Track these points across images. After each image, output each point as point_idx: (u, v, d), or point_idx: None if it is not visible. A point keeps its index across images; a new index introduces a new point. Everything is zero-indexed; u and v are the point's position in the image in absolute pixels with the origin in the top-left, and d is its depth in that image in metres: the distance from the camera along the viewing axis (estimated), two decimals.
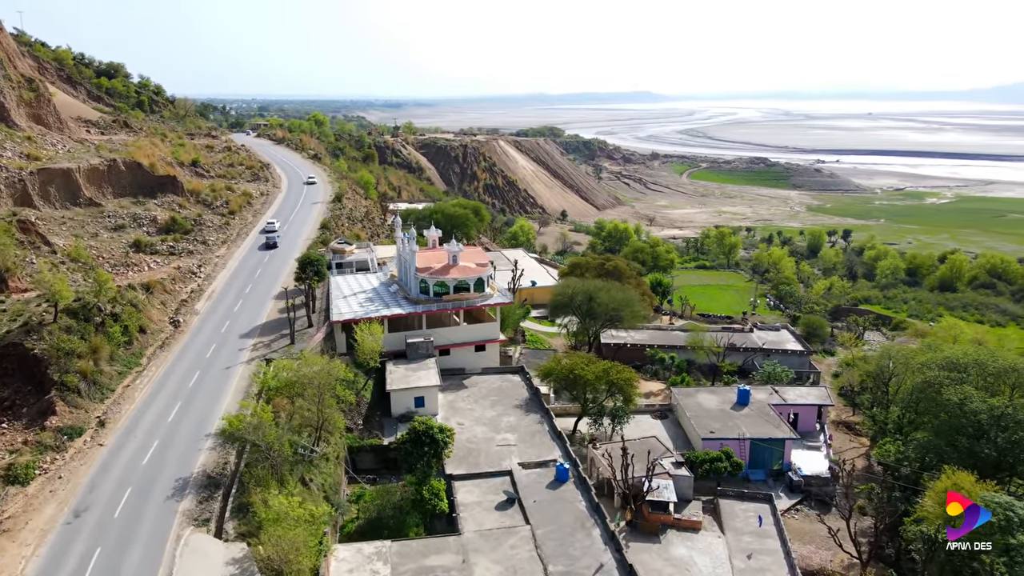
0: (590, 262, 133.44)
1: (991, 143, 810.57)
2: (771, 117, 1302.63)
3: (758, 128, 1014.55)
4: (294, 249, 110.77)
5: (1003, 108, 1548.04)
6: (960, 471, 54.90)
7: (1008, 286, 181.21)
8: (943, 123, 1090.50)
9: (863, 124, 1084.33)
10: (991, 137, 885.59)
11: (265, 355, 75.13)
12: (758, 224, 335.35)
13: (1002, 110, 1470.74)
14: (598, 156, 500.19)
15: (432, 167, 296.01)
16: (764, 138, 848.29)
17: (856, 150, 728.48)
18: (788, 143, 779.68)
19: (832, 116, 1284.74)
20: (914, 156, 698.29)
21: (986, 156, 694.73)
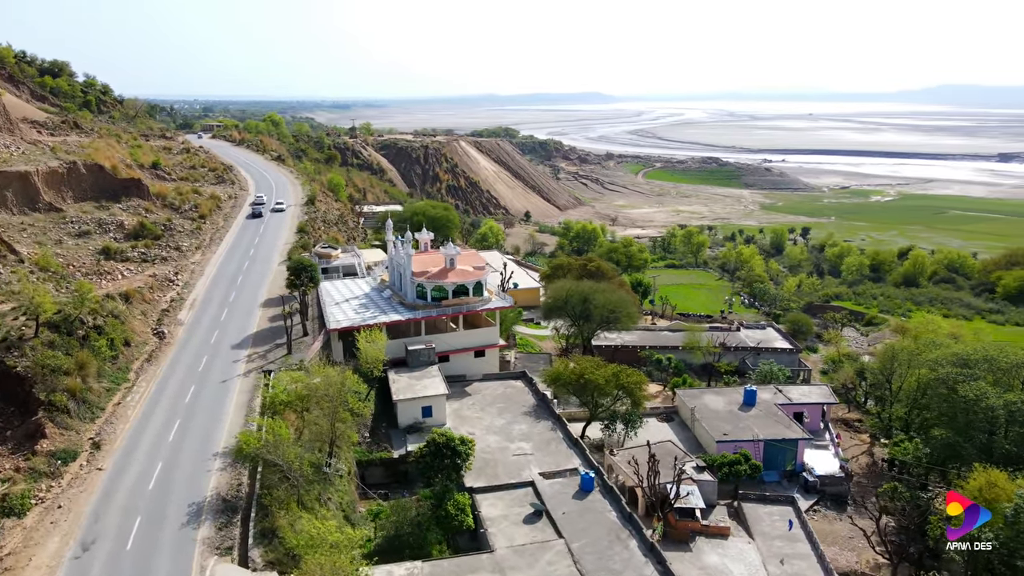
0: (572, 263, 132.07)
1: (925, 142, 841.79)
2: (717, 118, 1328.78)
3: (705, 128, 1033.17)
4: (273, 254, 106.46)
5: (932, 109, 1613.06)
6: (991, 468, 54.94)
7: (967, 280, 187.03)
8: (879, 123, 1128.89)
9: (804, 124, 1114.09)
10: (924, 137, 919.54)
11: (262, 366, 71.26)
12: (716, 223, 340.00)
13: (931, 111, 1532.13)
14: (554, 157, 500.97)
15: (393, 168, 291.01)
16: (712, 138, 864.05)
17: (800, 150, 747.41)
18: (735, 143, 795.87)
19: (775, 117, 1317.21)
20: (855, 155, 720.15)
21: (922, 155, 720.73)
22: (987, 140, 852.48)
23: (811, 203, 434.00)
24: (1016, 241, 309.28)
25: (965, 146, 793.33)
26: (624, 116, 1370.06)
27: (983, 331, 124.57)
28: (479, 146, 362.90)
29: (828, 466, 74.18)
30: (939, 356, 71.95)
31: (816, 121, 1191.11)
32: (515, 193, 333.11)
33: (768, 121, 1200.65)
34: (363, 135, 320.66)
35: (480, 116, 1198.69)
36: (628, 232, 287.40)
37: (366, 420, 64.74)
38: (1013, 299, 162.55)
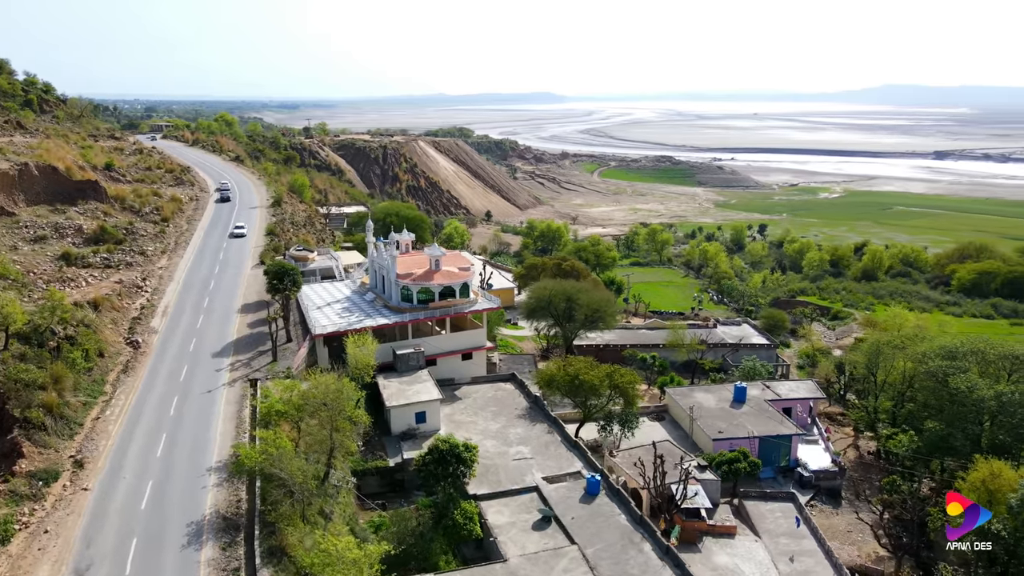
0: (546, 263, 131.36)
1: (867, 141, 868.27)
2: (665, 117, 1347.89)
3: (655, 128, 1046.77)
4: (244, 257, 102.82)
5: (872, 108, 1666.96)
6: (992, 458, 55.76)
7: (921, 274, 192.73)
8: (823, 123, 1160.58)
9: (751, 124, 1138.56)
10: (866, 135, 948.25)
11: (247, 375, 68.36)
12: (674, 221, 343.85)
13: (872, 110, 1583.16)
14: (510, 156, 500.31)
15: (352, 169, 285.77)
16: (662, 137, 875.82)
17: (749, 148, 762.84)
18: (685, 142, 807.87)
19: (721, 116, 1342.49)
20: (801, 153, 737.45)
21: (864, 153, 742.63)
22: (923, 138, 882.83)
23: (763, 200, 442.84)
24: (958, 235, 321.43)
25: (903, 144, 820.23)
26: (575, 116, 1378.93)
27: (947, 323, 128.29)
28: (438, 146, 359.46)
29: (820, 461, 74.74)
30: (927, 349, 73.14)
31: (762, 121, 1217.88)
32: (475, 193, 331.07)
33: (715, 121, 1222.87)
34: (319, 135, 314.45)
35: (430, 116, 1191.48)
36: (589, 231, 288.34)
37: (365, 428, 62.40)
38: (968, 291, 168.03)
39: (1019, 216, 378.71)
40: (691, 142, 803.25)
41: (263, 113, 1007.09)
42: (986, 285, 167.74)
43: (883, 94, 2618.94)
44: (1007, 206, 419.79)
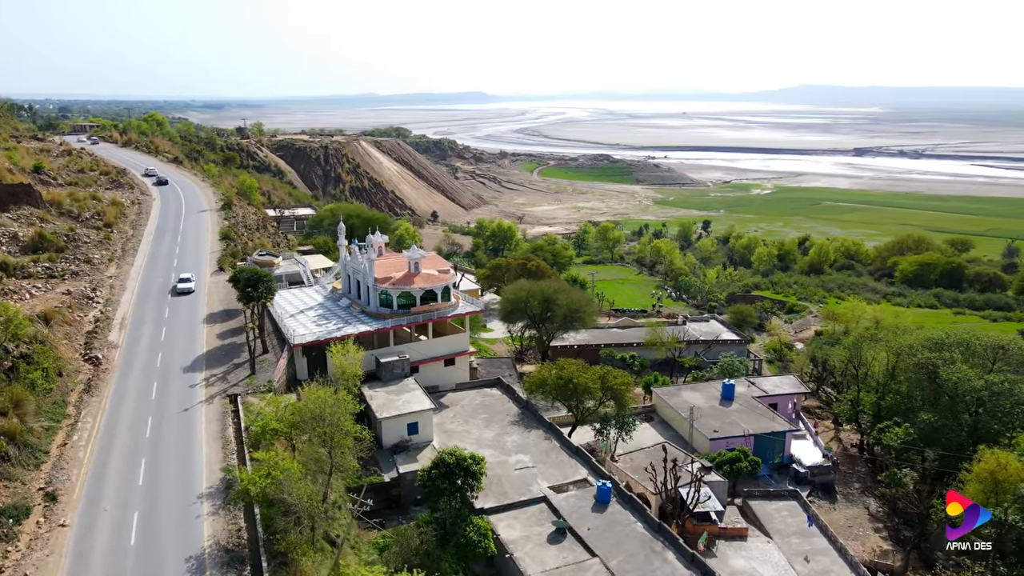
0: (511, 263, 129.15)
1: (791, 139, 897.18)
2: (598, 116, 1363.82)
3: (588, 127, 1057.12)
4: (201, 264, 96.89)
5: (792, 108, 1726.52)
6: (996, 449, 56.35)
7: (864, 267, 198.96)
8: (748, 121, 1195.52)
9: (680, 123, 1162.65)
10: (789, 134, 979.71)
11: (225, 390, 63.63)
12: (617, 218, 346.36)
13: (792, 109, 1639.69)
14: (449, 156, 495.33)
15: (292, 170, 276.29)
16: (596, 136, 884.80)
17: (680, 146, 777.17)
18: (619, 140, 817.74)
19: (652, 115, 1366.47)
20: (731, 151, 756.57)
21: (789, 151, 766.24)
22: (842, 136, 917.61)
23: (700, 197, 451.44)
24: (885, 228, 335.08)
25: (824, 142, 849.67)
26: (508, 115, 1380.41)
27: (902, 315, 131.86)
28: (380, 146, 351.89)
29: (812, 456, 74.84)
30: (914, 342, 74.09)
31: (691, 120, 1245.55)
32: (420, 193, 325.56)
33: (646, 119, 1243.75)
34: (255, 135, 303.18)
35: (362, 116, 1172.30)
36: (536, 230, 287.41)
37: (368, 443, 58.66)
38: (910, 282, 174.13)
39: (938, 209, 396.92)
40: (625, 141, 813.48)
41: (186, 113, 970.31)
42: (927, 276, 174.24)
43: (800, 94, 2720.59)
44: (925, 200, 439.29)
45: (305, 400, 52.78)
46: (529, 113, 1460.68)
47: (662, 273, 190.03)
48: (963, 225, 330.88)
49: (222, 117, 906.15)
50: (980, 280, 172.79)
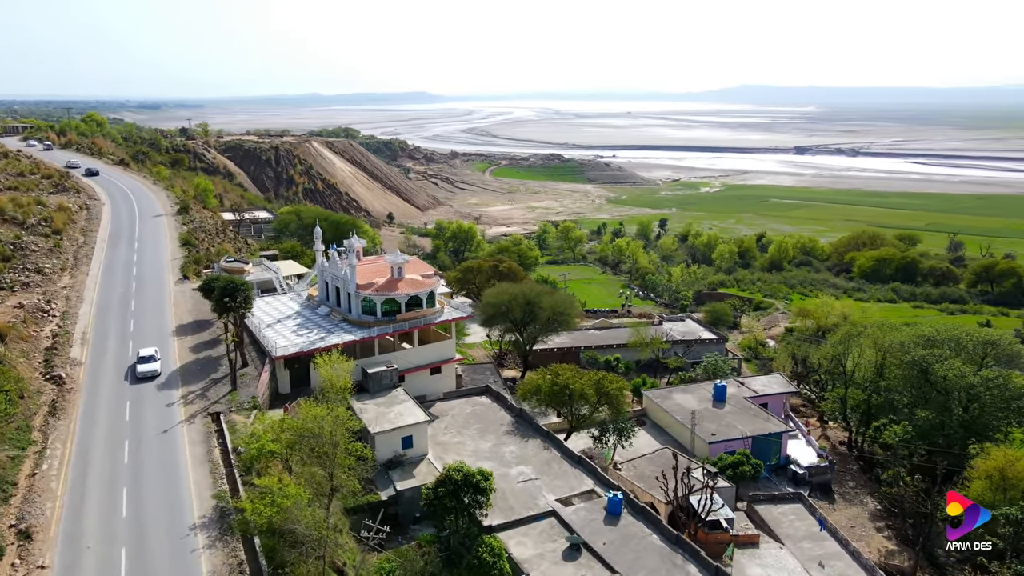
0: (482, 265, 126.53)
1: (734, 137, 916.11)
2: (545, 116, 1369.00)
3: (535, 127, 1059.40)
4: (163, 272, 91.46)
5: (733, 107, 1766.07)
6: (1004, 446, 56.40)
7: (821, 263, 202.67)
8: (692, 121, 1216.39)
9: (626, 122, 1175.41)
10: (732, 132, 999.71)
11: (206, 408, 59.40)
12: (572, 217, 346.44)
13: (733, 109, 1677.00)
14: (400, 156, 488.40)
15: (242, 172, 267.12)
16: (544, 135, 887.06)
17: (627, 146, 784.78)
18: (567, 140, 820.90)
19: (597, 115, 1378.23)
20: (677, 150, 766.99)
21: (733, 149, 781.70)
22: (783, 135, 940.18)
23: (651, 195, 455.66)
24: (832, 224, 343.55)
25: (766, 140, 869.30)
26: (455, 115, 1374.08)
27: (869, 309, 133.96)
28: (332, 147, 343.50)
29: (807, 456, 74.34)
30: (906, 339, 74.27)
31: (636, 119, 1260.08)
32: (374, 195, 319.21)
33: (592, 119, 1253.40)
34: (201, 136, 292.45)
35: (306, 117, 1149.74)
36: (493, 230, 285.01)
37: (373, 463, 55.26)
38: (868, 277, 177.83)
39: (878, 206, 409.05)
40: (573, 140, 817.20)
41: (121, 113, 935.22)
42: (883, 271, 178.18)
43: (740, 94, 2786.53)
44: (866, 196, 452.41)
45: (302, 418, 49.30)
46: (476, 113, 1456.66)
47: (627, 272, 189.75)
48: (904, 220, 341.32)
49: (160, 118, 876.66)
50: (933, 274, 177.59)
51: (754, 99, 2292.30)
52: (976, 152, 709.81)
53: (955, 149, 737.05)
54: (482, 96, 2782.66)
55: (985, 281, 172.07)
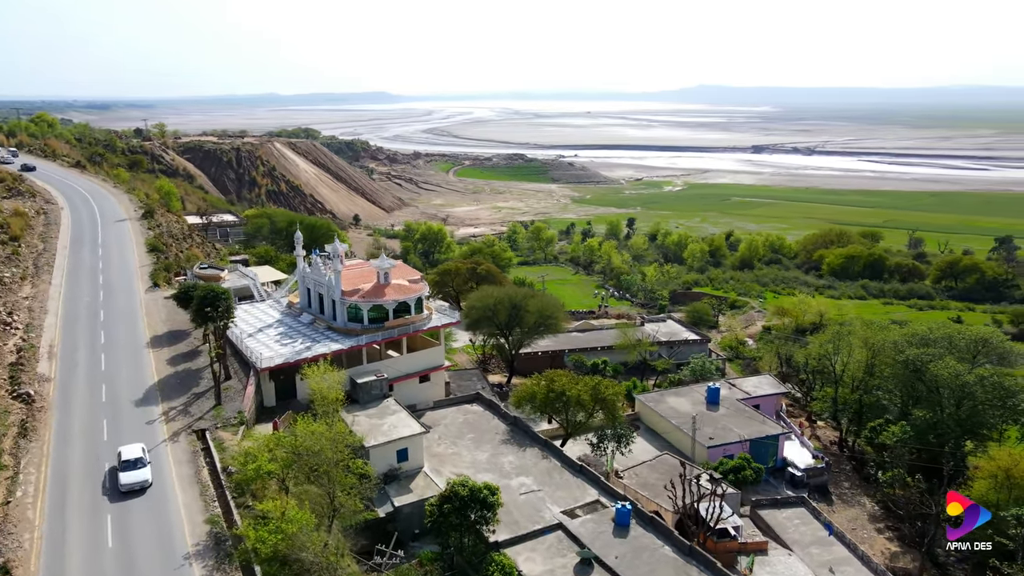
0: (460, 268, 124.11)
1: (693, 137, 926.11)
2: (505, 116, 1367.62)
3: (496, 126, 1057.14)
4: (132, 280, 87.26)
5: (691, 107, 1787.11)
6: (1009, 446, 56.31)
7: (789, 260, 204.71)
8: (651, 120, 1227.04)
9: (586, 122, 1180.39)
10: (690, 132, 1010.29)
11: (190, 425, 56.17)
12: (538, 217, 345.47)
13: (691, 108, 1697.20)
14: (363, 157, 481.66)
15: (202, 174, 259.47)
16: (505, 135, 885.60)
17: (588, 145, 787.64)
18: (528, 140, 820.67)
19: (557, 115, 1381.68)
20: (638, 149, 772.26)
21: (693, 148, 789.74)
22: (740, 134, 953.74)
23: (615, 195, 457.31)
24: (793, 222, 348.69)
25: (724, 139, 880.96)
26: (414, 115, 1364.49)
27: (844, 307, 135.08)
28: (295, 148, 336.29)
29: (803, 457, 73.82)
30: (899, 338, 74.27)
31: (596, 119, 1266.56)
32: (340, 196, 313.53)
33: (552, 119, 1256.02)
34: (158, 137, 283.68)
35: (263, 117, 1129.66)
36: (461, 231, 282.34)
37: (376, 481, 52.66)
38: (837, 275, 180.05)
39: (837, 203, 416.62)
40: (534, 140, 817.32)
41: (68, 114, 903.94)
42: (851, 268, 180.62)
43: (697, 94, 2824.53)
44: (824, 194, 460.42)
45: (299, 435, 46.63)
46: (436, 113, 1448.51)
47: (600, 272, 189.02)
48: (863, 218, 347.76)
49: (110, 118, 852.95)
50: (900, 271, 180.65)
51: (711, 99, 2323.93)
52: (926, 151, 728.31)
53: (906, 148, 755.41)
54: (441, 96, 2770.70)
55: (949, 277, 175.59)
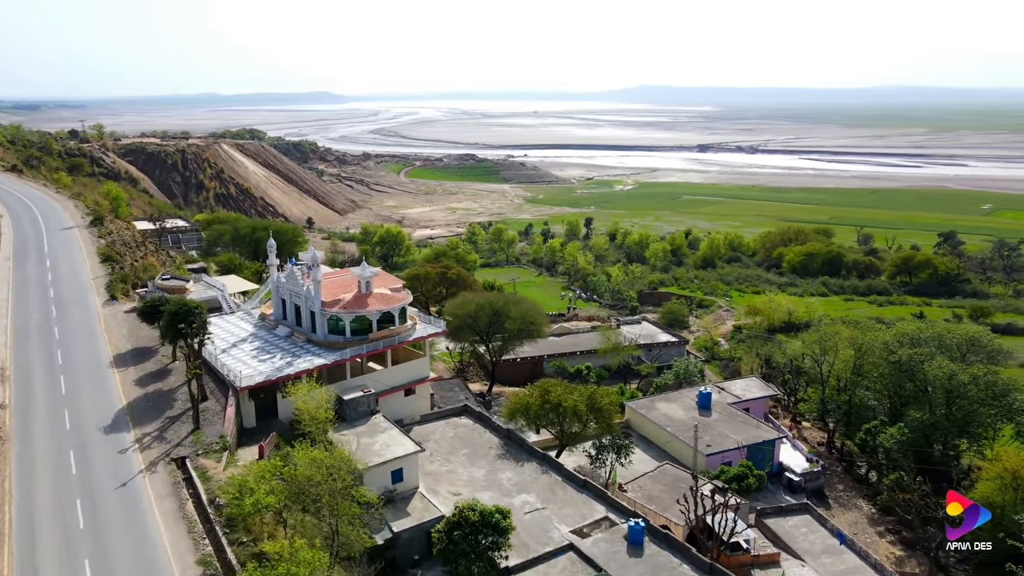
0: (429, 272, 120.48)
1: (639, 136, 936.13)
2: (452, 116, 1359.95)
3: (443, 127, 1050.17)
4: (86, 294, 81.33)
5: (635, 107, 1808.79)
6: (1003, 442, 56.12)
7: (749, 258, 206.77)
8: (598, 120, 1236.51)
9: (533, 121, 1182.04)
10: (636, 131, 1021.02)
11: (167, 453, 51.67)
12: (494, 218, 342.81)
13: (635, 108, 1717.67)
14: (311, 158, 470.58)
15: (146, 177, 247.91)
16: (453, 136, 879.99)
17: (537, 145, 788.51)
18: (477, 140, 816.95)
19: (504, 115, 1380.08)
20: (586, 149, 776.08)
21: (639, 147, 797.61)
22: (685, 133, 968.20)
23: (568, 194, 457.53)
24: (744, 220, 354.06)
25: (670, 139, 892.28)
26: (360, 116, 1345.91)
27: (812, 305, 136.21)
28: (243, 149, 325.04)
29: (798, 461, 72.99)
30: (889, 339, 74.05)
31: (543, 118, 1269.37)
32: (292, 199, 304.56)
33: (500, 119, 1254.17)
34: (96, 139, 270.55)
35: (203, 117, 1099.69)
36: (419, 233, 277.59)
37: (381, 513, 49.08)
38: (798, 272, 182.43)
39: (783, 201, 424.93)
40: (483, 140, 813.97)
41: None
42: (811, 265, 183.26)
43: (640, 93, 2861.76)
44: (771, 192, 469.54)
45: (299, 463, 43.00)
46: (382, 113, 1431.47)
47: (565, 274, 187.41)
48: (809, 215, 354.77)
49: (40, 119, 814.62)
50: (857, 267, 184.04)
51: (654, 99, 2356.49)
52: (862, 148, 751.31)
53: (843, 146, 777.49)
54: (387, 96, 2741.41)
55: (904, 272, 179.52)
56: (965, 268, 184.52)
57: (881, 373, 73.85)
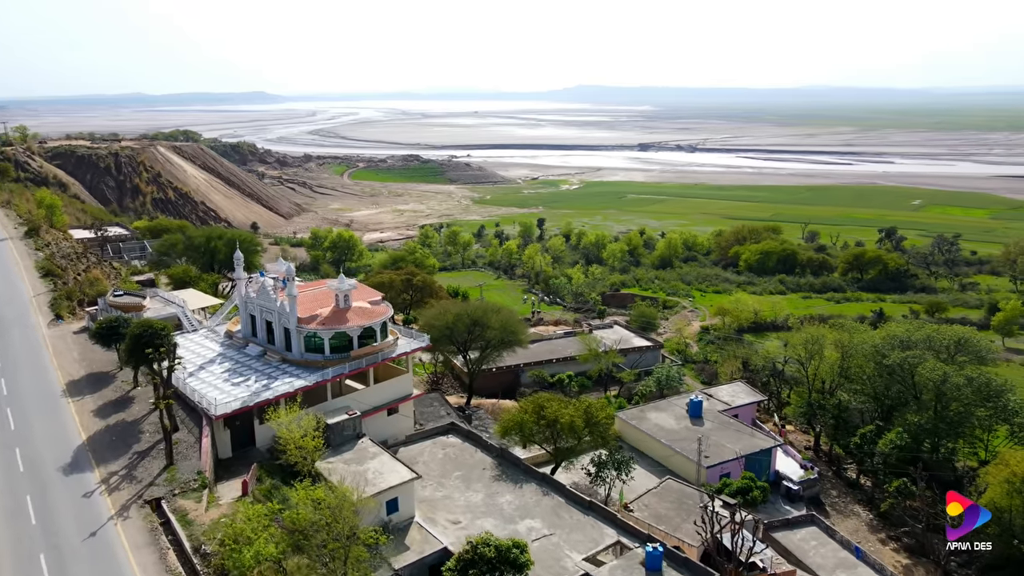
0: (394, 279, 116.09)
1: (581, 135, 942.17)
2: (392, 116, 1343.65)
3: (384, 127, 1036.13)
4: (26, 313, 74.41)
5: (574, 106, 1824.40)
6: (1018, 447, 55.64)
7: (706, 257, 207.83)
8: (539, 119, 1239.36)
9: (474, 121, 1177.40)
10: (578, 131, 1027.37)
11: (139, 494, 46.47)
12: (442, 220, 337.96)
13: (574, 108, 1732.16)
14: (251, 160, 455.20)
15: (76, 182, 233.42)
16: (394, 136, 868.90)
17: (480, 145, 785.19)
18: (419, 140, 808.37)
19: (445, 115, 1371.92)
20: (529, 148, 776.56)
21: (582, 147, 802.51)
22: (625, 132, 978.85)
23: (515, 194, 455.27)
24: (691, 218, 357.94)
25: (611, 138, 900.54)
26: (297, 116, 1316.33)
27: (779, 303, 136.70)
28: (181, 152, 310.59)
29: (792, 468, 71.62)
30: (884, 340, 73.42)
31: (483, 118, 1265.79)
32: (234, 203, 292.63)
33: (440, 119, 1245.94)
34: (20, 142, 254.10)
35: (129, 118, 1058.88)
36: (369, 236, 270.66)
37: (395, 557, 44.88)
38: (755, 270, 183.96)
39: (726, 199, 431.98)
40: (425, 140, 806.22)
41: None
42: (767, 263, 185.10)
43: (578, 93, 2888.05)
44: (713, 190, 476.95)
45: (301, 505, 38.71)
46: (320, 114, 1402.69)
47: (523, 276, 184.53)
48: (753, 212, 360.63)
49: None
50: (811, 265, 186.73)
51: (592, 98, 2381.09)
52: (796, 147, 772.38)
53: (778, 144, 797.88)
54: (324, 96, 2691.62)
55: (855, 269, 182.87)
56: (910, 264, 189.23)
57: (868, 375, 73.35)
